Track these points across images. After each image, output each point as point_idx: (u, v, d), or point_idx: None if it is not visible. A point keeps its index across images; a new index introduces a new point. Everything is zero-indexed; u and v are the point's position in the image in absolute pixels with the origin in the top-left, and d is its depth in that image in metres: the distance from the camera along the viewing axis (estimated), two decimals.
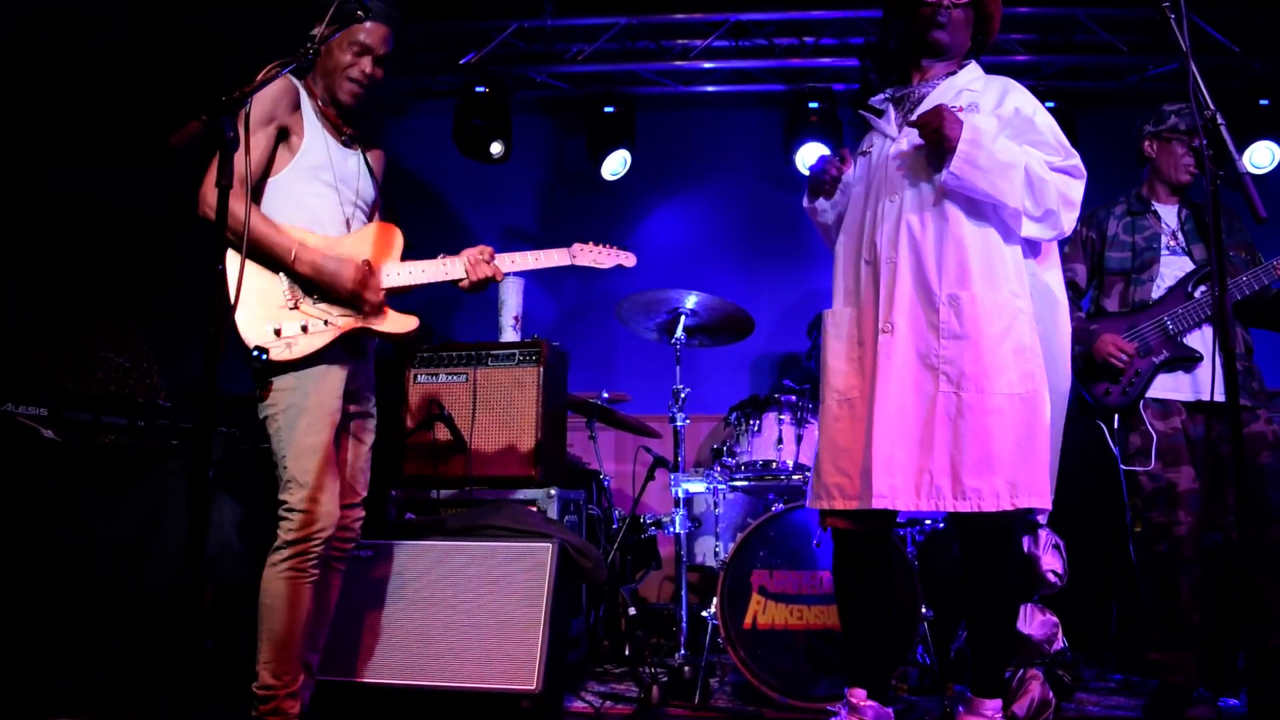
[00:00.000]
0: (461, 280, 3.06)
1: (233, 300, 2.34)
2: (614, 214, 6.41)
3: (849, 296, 3.06)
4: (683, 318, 4.39)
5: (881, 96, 3.15)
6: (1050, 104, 6.05)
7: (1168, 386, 3.60)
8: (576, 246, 3.19)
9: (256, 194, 2.89)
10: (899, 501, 2.80)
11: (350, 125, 3.11)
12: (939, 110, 2.83)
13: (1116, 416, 3.64)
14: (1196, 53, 5.71)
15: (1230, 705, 3.63)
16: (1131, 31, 5.92)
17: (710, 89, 6.49)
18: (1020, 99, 3.01)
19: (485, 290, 3.13)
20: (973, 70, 3.09)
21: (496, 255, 3.09)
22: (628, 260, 3.28)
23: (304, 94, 2.99)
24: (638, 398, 5.31)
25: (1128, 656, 4.37)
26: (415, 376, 4.25)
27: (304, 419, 2.84)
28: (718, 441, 4.69)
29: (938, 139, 2.82)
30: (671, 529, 4.28)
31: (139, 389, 4.24)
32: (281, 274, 2.87)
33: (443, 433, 4.06)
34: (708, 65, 6.24)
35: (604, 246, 3.24)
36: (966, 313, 2.83)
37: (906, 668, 3.89)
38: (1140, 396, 3.58)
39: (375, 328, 2.99)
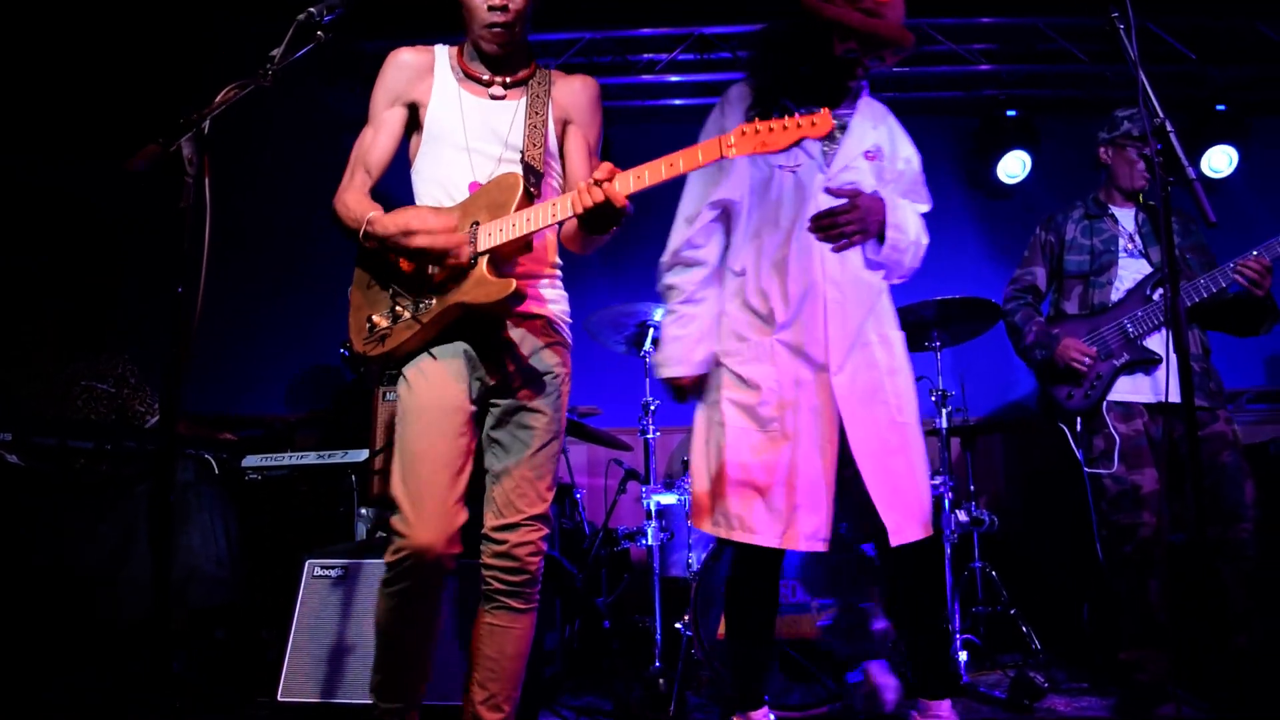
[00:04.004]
0: (579, 219, 2.46)
1: (194, 321, 2.24)
2: None
3: (769, 325, 2.89)
4: (651, 330, 4.41)
5: (799, 114, 2.99)
6: (1012, 112, 6.15)
7: (1129, 389, 3.64)
8: (736, 132, 2.33)
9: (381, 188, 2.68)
10: (907, 535, 2.79)
11: (507, 71, 2.76)
12: (858, 209, 2.78)
13: (1079, 420, 3.68)
14: (1155, 60, 5.86)
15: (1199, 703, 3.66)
16: (1091, 39, 5.99)
17: (677, 102, 6.51)
18: (906, 145, 3.07)
19: (613, 226, 2.47)
20: (868, 102, 3.04)
21: (618, 174, 2.41)
22: (817, 123, 2.30)
23: (442, 59, 2.76)
24: (608, 411, 5.32)
25: (1099, 658, 4.40)
26: (384, 395, 4.23)
27: (409, 426, 2.56)
28: (688, 453, 4.70)
29: (865, 235, 2.84)
30: (644, 541, 4.28)
31: (125, 413, 4.23)
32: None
33: None
34: (674, 79, 6.28)
35: (775, 120, 2.34)
36: (895, 349, 2.93)
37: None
38: (1102, 399, 3.63)
39: (462, 300, 2.53)
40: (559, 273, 2.89)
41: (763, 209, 2.94)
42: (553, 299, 2.83)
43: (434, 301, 2.57)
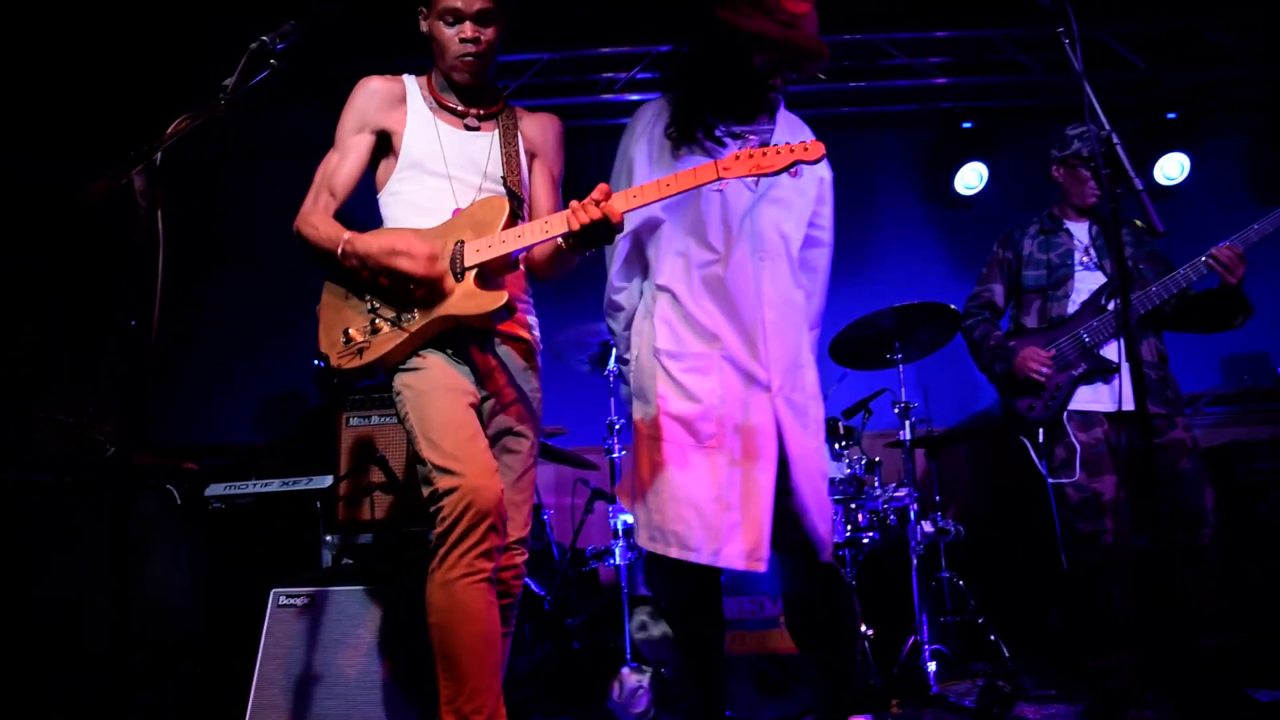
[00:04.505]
0: (568, 237, 2.51)
1: (149, 355, 2.24)
2: None
3: (714, 341, 2.82)
4: (614, 349, 4.41)
5: (721, 129, 2.90)
6: (968, 124, 6.22)
7: (1089, 398, 3.69)
8: (730, 157, 2.45)
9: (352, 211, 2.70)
10: (827, 554, 2.78)
11: (479, 104, 2.84)
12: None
13: (1041, 431, 3.71)
14: (1106, 68, 5.93)
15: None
16: (1044, 50, 6.06)
17: None
18: (823, 163, 3.00)
19: (600, 246, 2.56)
20: (786, 116, 3.01)
21: (614, 194, 2.48)
22: (810, 149, 2.43)
23: (413, 88, 2.82)
24: (574, 431, 5.31)
25: (1067, 665, 4.43)
26: (348, 420, 4.20)
27: (429, 399, 2.53)
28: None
29: None
30: (612, 560, 4.27)
31: (85, 443, 4.18)
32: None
33: (378, 475, 4.02)
34: (633, 98, 6.29)
35: (768, 147, 2.46)
36: (815, 376, 2.93)
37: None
38: (1062, 410, 3.66)
39: (451, 313, 2.55)
40: (532, 300, 2.91)
41: (686, 226, 2.88)
42: (532, 324, 2.89)
43: (417, 314, 2.58)
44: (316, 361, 2.62)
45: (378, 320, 2.61)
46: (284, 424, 5.89)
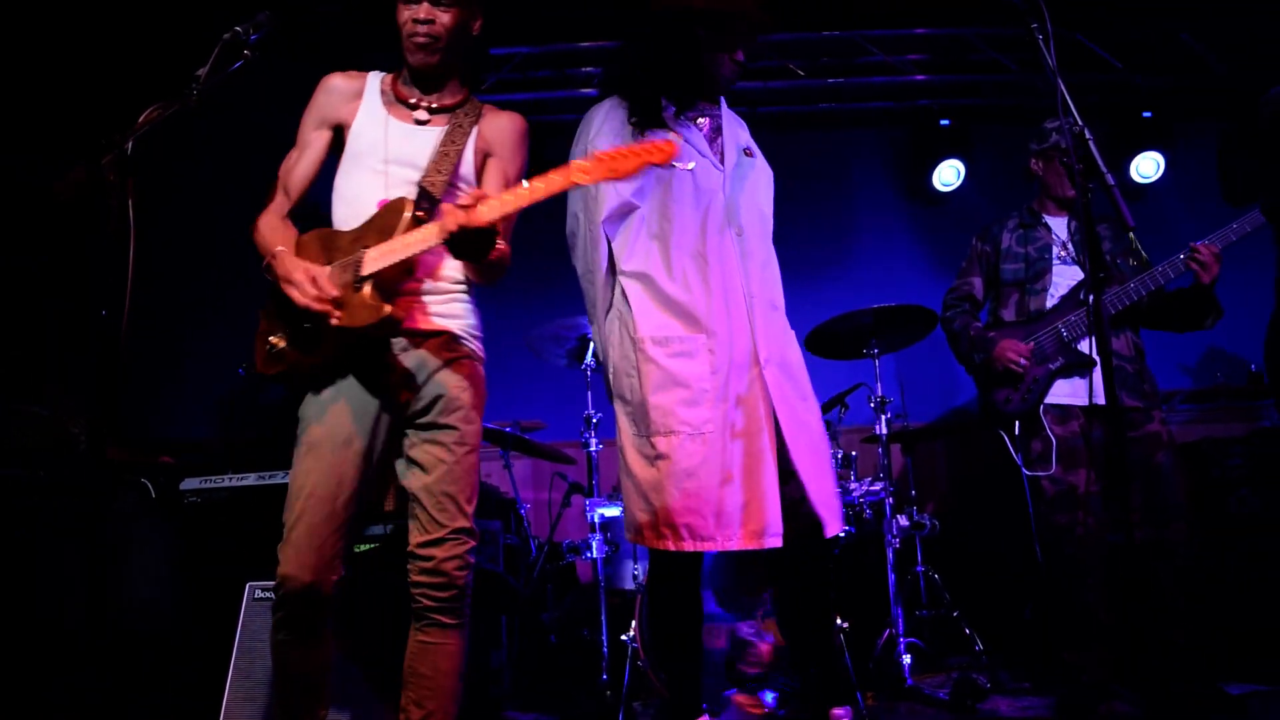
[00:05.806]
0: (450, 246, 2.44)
1: (122, 344, 2.25)
2: (518, 243, 6.34)
3: (696, 323, 2.79)
4: (591, 343, 4.41)
5: (671, 110, 2.94)
6: (945, 121, 6.25)
7: (1065, 392, 3.71)
8: (592, 157, 2.28)
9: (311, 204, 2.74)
10: (835, 528, 2.77)
11: (437, 96, 2.81)
12: None
13: (1017, 424, 3.73)
14: (1083, 69, 5.95)
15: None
16: (1021, 50, 6.10)
17: None
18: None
19: (484, 254, 2.46)
20: (726, 108, 3.06)
21: (486, 200, 2.36)
22: (660, 149, 2.22)
23: (373, 83, 2.82)
24: (552, 425, 5.31)
25: (1042, 657, 4.46)
26: None
27: (299, 456, 2.62)
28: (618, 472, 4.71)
29: None
30: (589, 554, 4.27)
31: (60, 437, 4.15)
32: None
33: None
34: None
35: (628, 145, 2.33)
36: (798, 349, 2.94)
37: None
38: (1039, 403, 3.69)
39: (341, 324, 2.52)
40: (462, 288, 2.82)
41: (661, 210, 2.85)
42: (455, 314, 2.79)
43: (321, 332, 2.59)
44: (240, 370, 2.66)
45: (296, 331, 2.65)
46: (260, 418, 5.87)
